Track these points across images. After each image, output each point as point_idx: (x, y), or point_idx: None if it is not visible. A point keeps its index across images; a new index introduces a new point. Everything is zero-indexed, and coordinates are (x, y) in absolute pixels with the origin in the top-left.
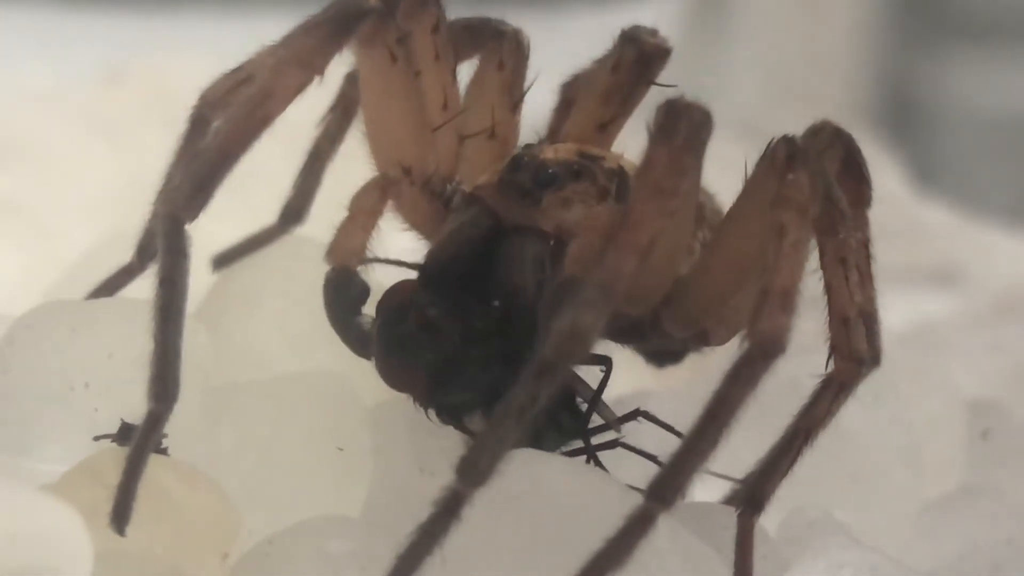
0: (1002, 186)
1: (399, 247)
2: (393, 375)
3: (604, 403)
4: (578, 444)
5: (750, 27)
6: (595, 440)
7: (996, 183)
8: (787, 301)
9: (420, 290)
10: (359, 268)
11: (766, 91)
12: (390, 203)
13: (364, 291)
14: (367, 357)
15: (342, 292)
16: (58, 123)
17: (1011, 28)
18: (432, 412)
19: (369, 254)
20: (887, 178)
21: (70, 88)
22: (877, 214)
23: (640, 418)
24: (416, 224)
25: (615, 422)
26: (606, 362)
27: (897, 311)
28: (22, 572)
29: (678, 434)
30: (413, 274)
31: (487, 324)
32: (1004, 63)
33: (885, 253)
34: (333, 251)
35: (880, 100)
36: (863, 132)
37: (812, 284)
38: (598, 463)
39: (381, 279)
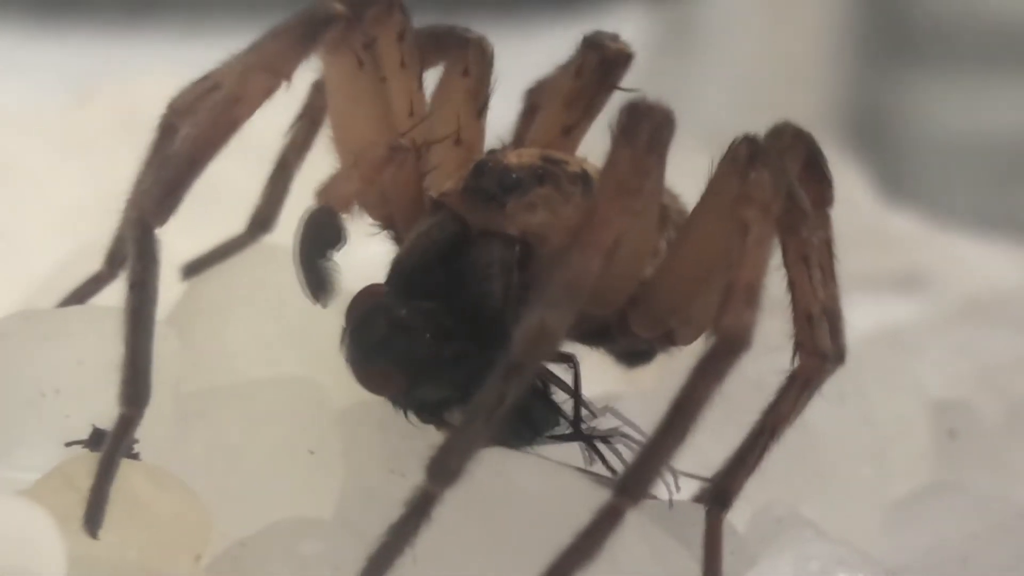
0: (966, 195)
1: (365, 254)
2: (370, 379)
3: (584, 399)
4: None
5: (718, 39)
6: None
7: (960, 193)
8: (751, 296)
9: (389, 293)
10: (343, 214)
11: (734, 102)
12: (389, 170)
13: (340, 236)
14: (321, 303)
15: (319, 230)
16: (28, 143)
17: (978, 44)
18: (412, 413)
19: (357, 209)
20: (854, 187)
21: (40, 108)
22: (844, 222)
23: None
24: (396, 206)
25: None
26: (572, 359)
27: (864, 315)
28: None
29: (643, 434)
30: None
31: (457, 320)
32: (969, 79)
33: (852, 260)
34: (325, 190)
35: (847, 112)
36: (831, 143)
37: (779, 285)
38: (595, 451)
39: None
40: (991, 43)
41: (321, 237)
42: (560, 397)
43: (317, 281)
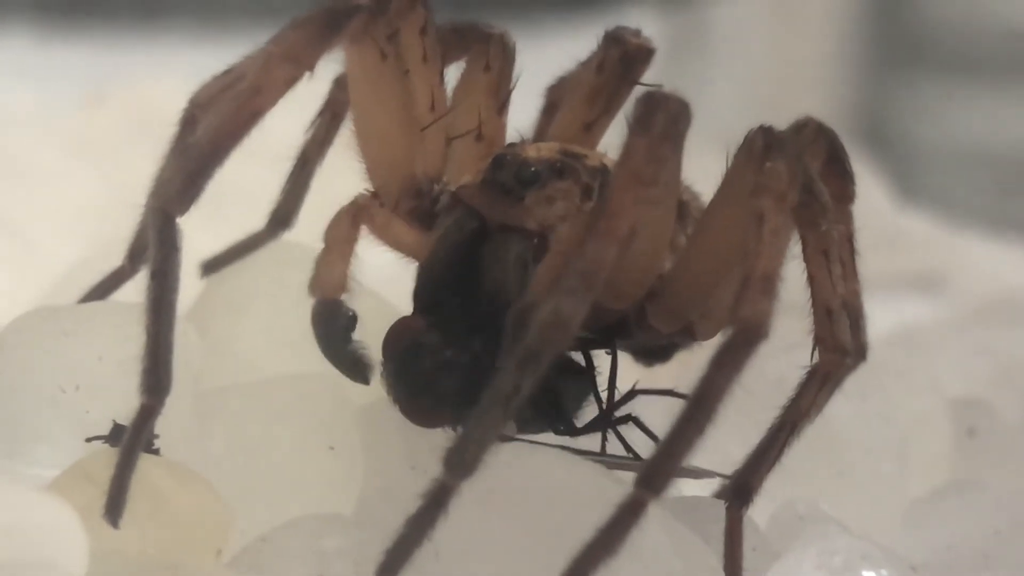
0: (978, 198)
1: (382, 262)
2: (418, 415)
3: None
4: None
5: (730, 42)
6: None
7: (973, 196)
8: (768, 286)
9: (428, 329)
10: (343, 297)
11: (746, 105)
12: (365, 228)
13: (352, 319)
14: (363, 382)
15: (330, 324)
16: (43, 145)
17: (988, 50)
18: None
19: (351, 282)
20: (868, 190)
21: (54, 112)
22: (859, 224)
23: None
24: (394, 244)
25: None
26: (611, 346)
27: (882, 316)
28: (19, 566)
29: (655, 438)
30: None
31: (491, 338)
32: (980, 84)
33: (867, 261)
34: (315, 285)
35: (859, 116)
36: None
37: (799, 282)
38: (620, 438)
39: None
40: (1002, 49)
41: (335, 329)
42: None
43: (352, 367)
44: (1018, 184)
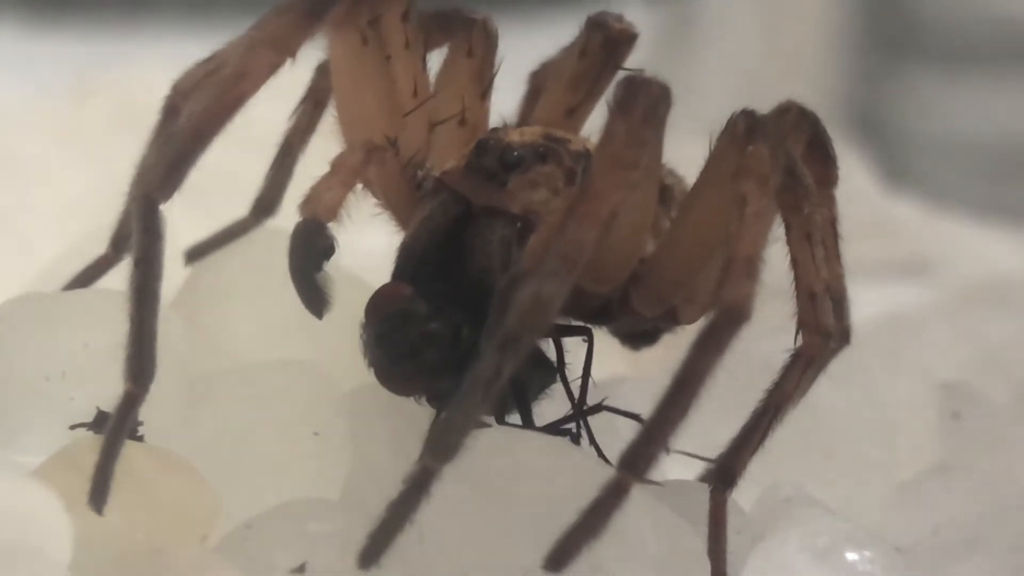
0: (965, 186)
1: (368, 243)
2: (395, 383)
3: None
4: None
5: (719, 32)
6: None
7: (960, 183)
8: (751, 269)
9: (414, 298)
10: (329, 224)
11: (735, 95)
12: (370, 171)
13: (330, 247)
14: (316, 315)
15: (309, 244)
16: (29, 136)
17: (977, 39)
18: (434, 404)
19: (343, 212)
20: (856, 177)
21: (39, 103)
22: (847, 211)
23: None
24: (389, 201)
25: (577, 412)
26: (587, 333)
27: (868, 301)
28: (3, 553)
29: (640, 420)
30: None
31: (474, 315)
32: (968, 73)
33: (855, 247)
34: (308, 202)
35: (848, 105)
36: (832, 134)
37: (786, 270)
38: (588, 429)
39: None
40: (991, 38)
41: (311, 250)
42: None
43: (312, 294)
44: (1005, 172)
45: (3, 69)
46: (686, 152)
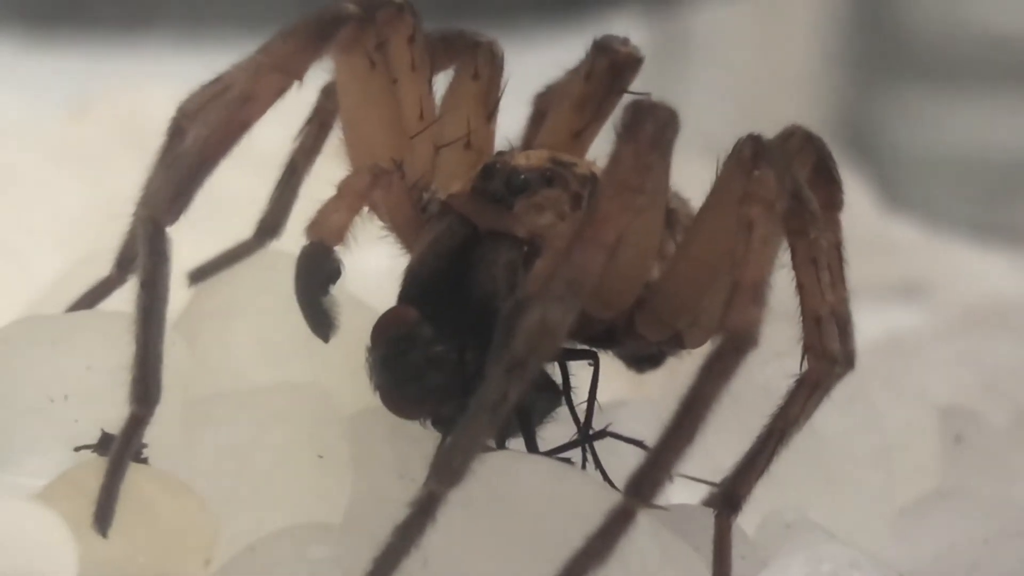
0: (962, 206)
1: (372, 265)
2: (401, 407)
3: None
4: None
5: (714, 50)
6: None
7: (956, 204)
8: (758, 294)
9: (420, 322)
10: (335, 247)
11: (731, 113)
12: (376, 194)
13: (336, 271)
14: (322, 338)
15: (315, 268)
16: (27, 153)
17: (971, 58)
18: (439, 429)
19: (350, 235)
20: (854, 197)
21: (38, 120)
22: (845, 232)
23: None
24: (395, 224)
25: (583, 437)
26: (592, 357)
27: (868, 324)
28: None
29: (644, 447)
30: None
31: (479, 339)
32: (963, 92)
33: (853, 269)
34: (314, 226)
35: (843, 124)
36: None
37: (789, 290)
38: (594, 454)
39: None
40: (985, 56)
41: (318, 274)
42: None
43: (319, 318)
44: (1003, 191)
45: (3, 86)
46: (681, 169)
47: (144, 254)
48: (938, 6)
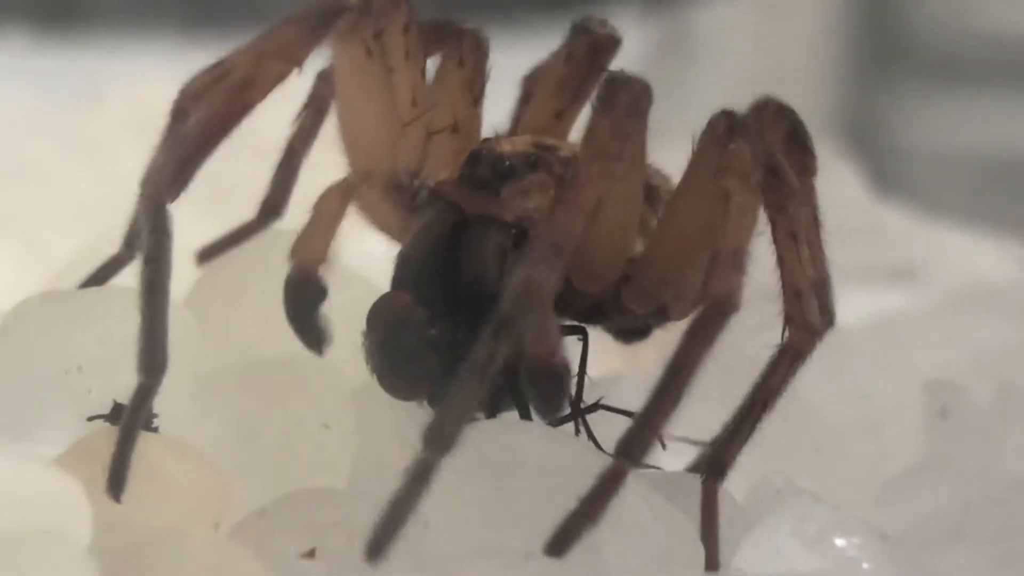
0: (954, 195)
1: (363, 250)
2: (398, 389)
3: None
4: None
5: (714, 46)
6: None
7: (948, 193)
8: (737, 261)
9: (413, 306)
10: (319, 269)
11: (729, 106)
12: (353, 206)
13: (322, 292)
14: (317, 353)
15: (301, 293)
16: (43, 144)
17: (967, 53)
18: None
19: (331, 256)
20: (848, 186)
21: (53, 112)
22: (839, 218)
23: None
24: (379, 225)
25: (575, 410)
26: (582, 332)
27: (859, 306)
28: (28, 534)
29: (631, 415)
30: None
31: (471, 321)
32: (960, 86)
33: (846, 253)
34: (295, 252)
35: (841, 117)
36: (826, 145)
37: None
38: (587, 426)
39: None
40: (982, 53)
41: (304, 299)
42: None
43: (311, 336)
44: (993, 182)
45: (16, 80)
46: (681, 161)
47: (147, 231)
48: (937, 6)
